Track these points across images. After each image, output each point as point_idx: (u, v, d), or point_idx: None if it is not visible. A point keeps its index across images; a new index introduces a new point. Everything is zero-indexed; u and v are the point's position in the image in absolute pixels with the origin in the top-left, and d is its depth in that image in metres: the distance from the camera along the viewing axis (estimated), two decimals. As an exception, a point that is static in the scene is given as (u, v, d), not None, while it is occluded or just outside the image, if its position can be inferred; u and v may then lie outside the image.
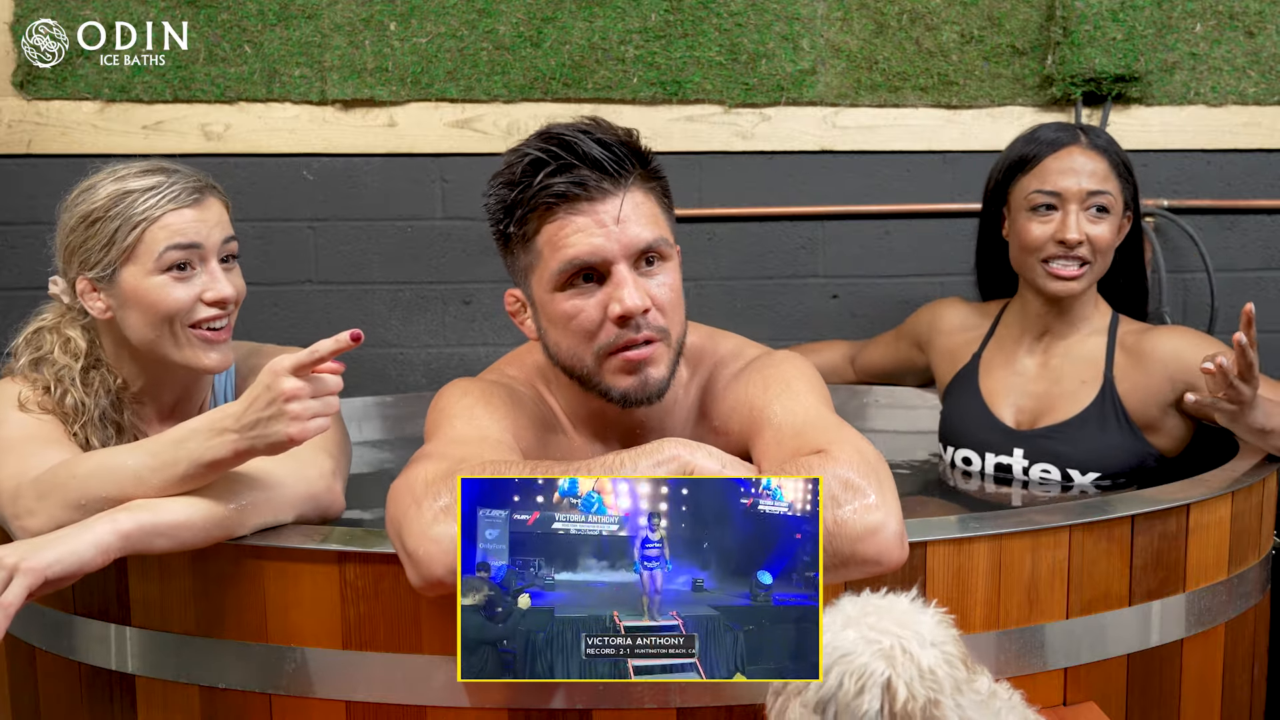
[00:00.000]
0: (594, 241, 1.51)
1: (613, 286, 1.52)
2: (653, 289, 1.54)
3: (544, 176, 1.51)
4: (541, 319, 1.60)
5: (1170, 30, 2.66)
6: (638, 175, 1.54)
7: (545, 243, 1.53)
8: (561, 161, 1.50)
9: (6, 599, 1.37)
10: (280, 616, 1.52)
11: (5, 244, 2.67)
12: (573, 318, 1.54)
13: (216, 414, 1.48)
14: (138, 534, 1.45)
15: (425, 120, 2.67)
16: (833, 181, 2.73)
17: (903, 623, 1.21)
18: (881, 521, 1.35)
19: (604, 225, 1.51)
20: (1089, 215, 2.05)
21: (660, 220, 1.56)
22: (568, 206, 1.51)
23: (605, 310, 1.52)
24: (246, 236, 2.66)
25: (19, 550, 1.40)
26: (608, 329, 1.53)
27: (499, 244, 1.62)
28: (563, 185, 1.50)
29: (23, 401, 1.69)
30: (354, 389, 2.65)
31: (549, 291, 1.55)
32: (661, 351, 1.56)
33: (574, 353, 1.57)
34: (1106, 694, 1.63)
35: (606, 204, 1.51)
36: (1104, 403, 2.07)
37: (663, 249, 1.55)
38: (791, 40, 2.66)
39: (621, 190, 1.52)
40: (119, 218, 1.69)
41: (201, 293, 1.71)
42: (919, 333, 2.39)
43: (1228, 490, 1.74)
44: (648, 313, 1.53)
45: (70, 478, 1.52)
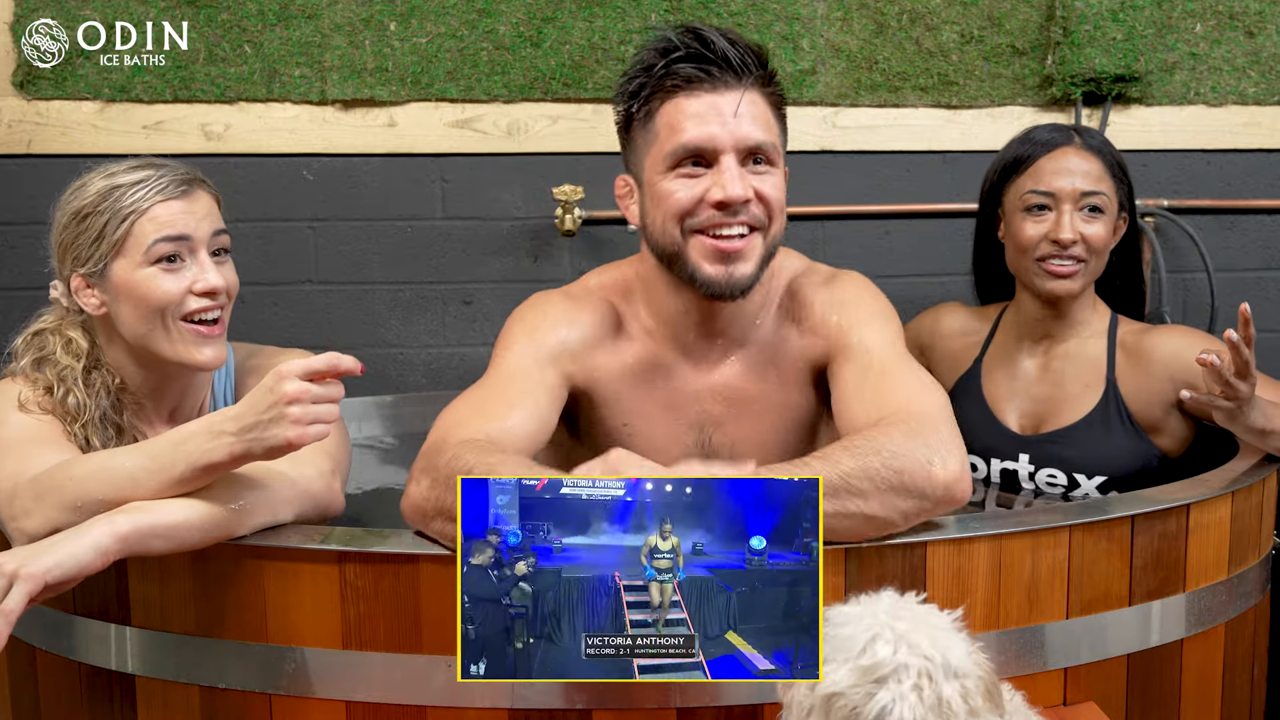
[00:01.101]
0: (709, 129, 1.61)
1: (717, 173, 1.62)
2: (757, 183, 1.63)
3: (672, 60, 1.62)
4: (647, 199, 1.69)
5: (1170, 30, 2.66)
6: (758, 78, 1.64)
7: (663, 124, 1.63)
8: (691, 50, 1.61)
9: (7, 606, 1.37)
10: (280, 616, 1.52)
11: (5, 244, 2.67)
12: (674, 194, 1.63)
13: (215, 417, 1.48)
14: (135, 536, 1.45)
15: (425, 120, 2.67)
16: (833, 181, 2.73)
17: (935, 643, 1.17)
18: (960, 468, 1.49)
19: (721, 114, 1.61)
20: (1083, 215, 2.05)
21: (773, 126, 1.66)
22: (689, 90, 1.62)
23: (706, 194, 1.62)
24: (247, 236, 2.67)
25: (18, 556, 1.40)
26: (704, 209, 1.63)
27: (621, 131, 1.72)
28: (689, 70, 1.61)
29: (23, 402, 1.69)
30: (354, 389, 2.65)
31: (659, 172, 1.65)
32: (755, 245, 1.65)
33: (666, 229, 1.65)
34: (1106, 694, 1.63)
35: (726, 96, 1.61)
36: (1108, 406, 2.07)
37: (770, 153, 1.65)
38: (791, 40, 2.66)
39: (741, 87, 1.62)
40: (108, 212, 1.69)
41: (192, 284, 1.71)
42: (920, 338, 2.39)
43: (1228, 490, 1.74)
44: (748, 203, 1.62)
45: (67, 479, 1.51)
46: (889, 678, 1.14)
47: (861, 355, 1.66)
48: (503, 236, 2.73)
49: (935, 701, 1.12)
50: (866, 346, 1.67)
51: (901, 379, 1.62)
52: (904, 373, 1.64)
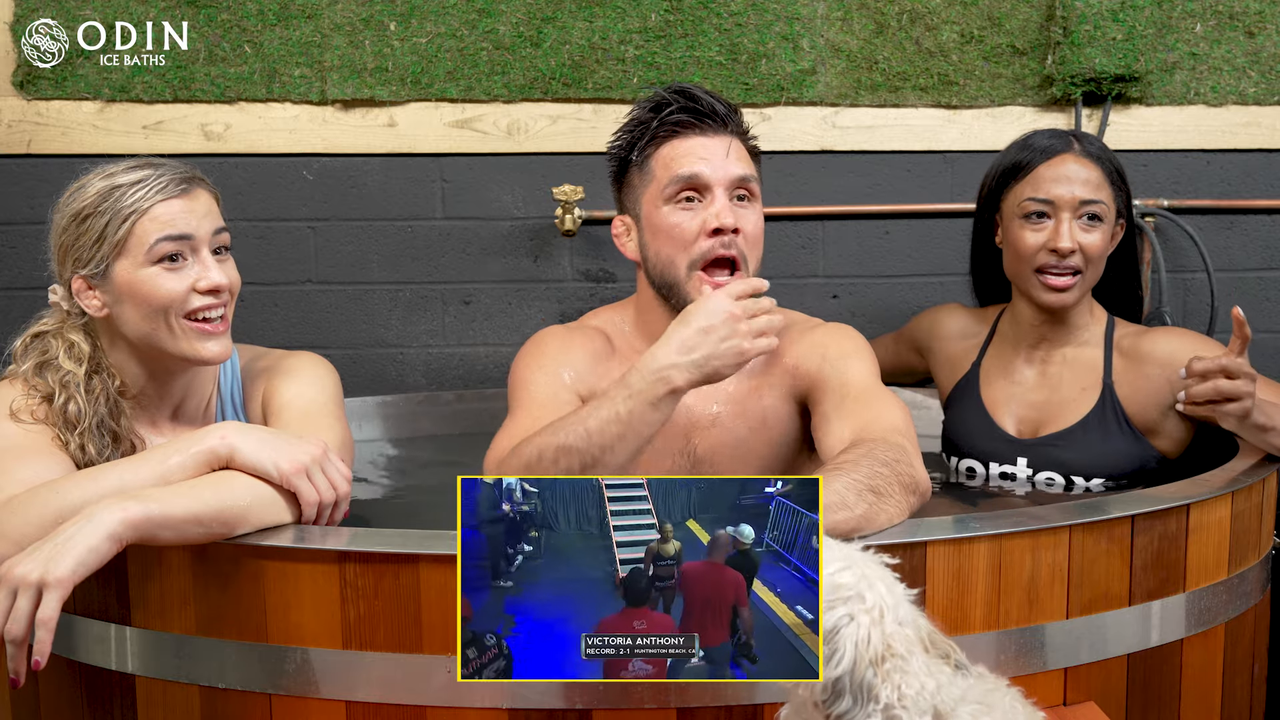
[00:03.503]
0: (702, 164, 1.82)
1: (711, 204, 1.82)
2: (742, 218, 1.83)
3: (667, 113, 1.84)
4: (645, 233, 1.88)
5: (1170, 30, 2.66)
6: (739, 130, 1.88)
7: (659, 164, 1.85)
8: (681, 103, 1.84)
9: (44, 615, 1.38)
10: (280, 616, 1.52)
11: (5, 244, 2.67)
12: (675, 228, 1.83)
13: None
14: (146, 525, 1.46)
15: (425, 120, 2.67)
16: (833, 181, 2.73)
17: (891, 591, 1.28)
18: (923, 476, 1.65)
19: (712, 152, 1.83)
20: (1081, 224, 2.04)
21: (753, 167, 1.87)
22: (683, 134, 1.84)
23: (703, 225, 1.81)
24: (247, 236, 2.67)
25: (38, 564, 1.40)
26: (702, 241, 1.82)
27: (615, 180, 1.93)
28: (683, 119, 1.83)
29: (14, 410, 1.69)
30: (354, 389, 2.66)
31: (657, 205, 1.85)
32: (740, 277, 1.82)
33: (671, 259, 1.84)
34: (1106, 694, 1.63)
35: (716, 139, 1.84)
36: (1104, 408, 2.07)
37: (753, 185, 1.86)
38: (791, 40, 2.66)
39: (729, 134, 1.85)
40: (109, 212, 1.69)
41: (194, 283, 1.71)
42: (918, 339, 2.39)
43: (1228, 490, 1.74)
44: (737, 233, 1.81)
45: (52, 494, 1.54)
46: (851, 599, 1.25)
47: (839, 385, 1.82)
48: (503, 236, 2.73)
49: (880, 633, 1.24)
50: (844, 379, 1.83)
51: (876, 399, 1.79)
52: (878, 395, 1.80)
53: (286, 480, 1.57)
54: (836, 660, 1.23)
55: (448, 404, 2.65)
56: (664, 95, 1.86)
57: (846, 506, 1.47)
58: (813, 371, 1.87)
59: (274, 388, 1.82)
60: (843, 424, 1.74)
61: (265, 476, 1.57)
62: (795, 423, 1.91)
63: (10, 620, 1.39)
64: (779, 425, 1.91)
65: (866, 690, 1.23)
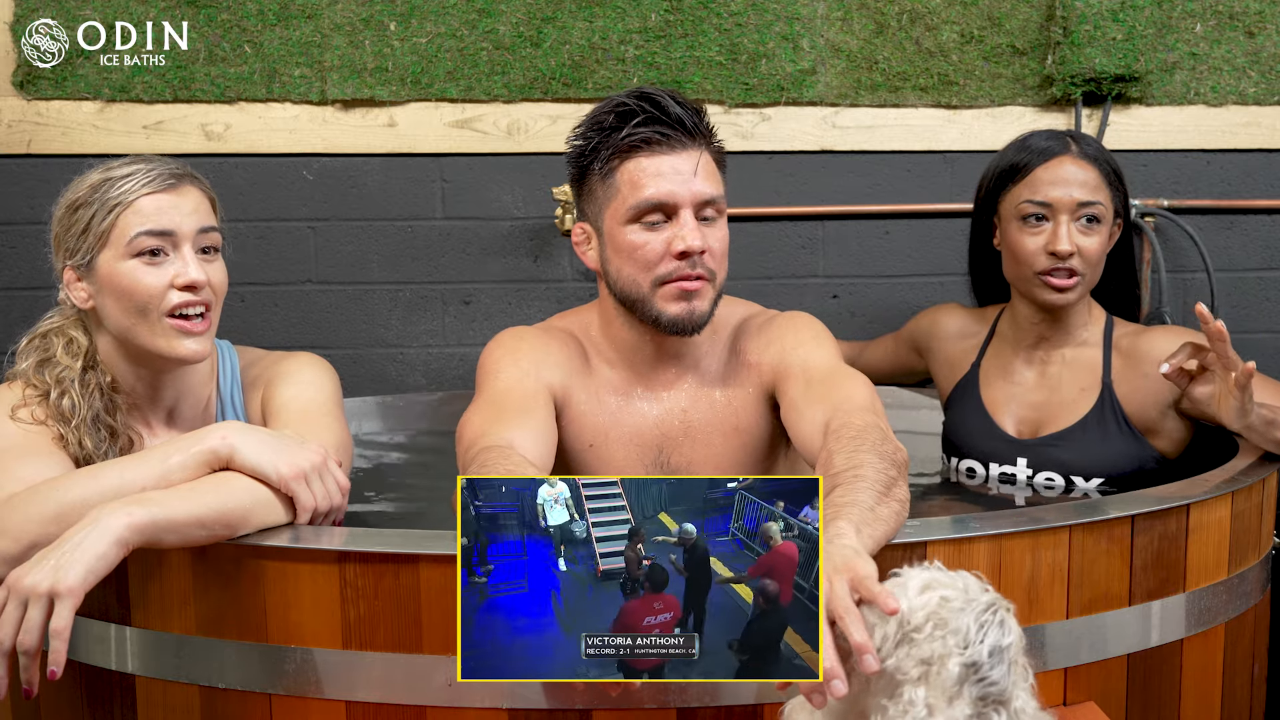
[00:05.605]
0: (669, 186, 1.75)
1: (678, 226, 1.76)
2: (708, 237, 1.78)
3: (634, 124, 1.75)
4: (607, 248, 1.82)
5: (1170, 30, 2.66)
6: (706, 138, 1.80)
7: (625, 181, 1.77)
8: (649, 114, 1.76)
9: (58, 625, 1.38)
10: (280, 616, 1.52)
11: (5, 244, 2.67)
12: (639, 248, 1.77)
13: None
14: (151, 529, 1.46)
15: (425, 120, 2.67)
16: (833, 181, 2.73)
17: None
18: (902, 447, 1.61)
19: (679, 173, 1.76)
20: (1080, 226, 2.04)
21: (720, 180, 1.82)
22: (649, 151, 1.76)
23: (669, 246, 1.76)
24: (247, 237, 2.67)
25: (47, 574, 1.40)
26: (668, 262, 1.77)
27: (574, 181, 1.85)
28: (650, 133, 1.75)
29: (15, 411, 1.69)
30: (354, 389, 2.66)
31: (621, 224, 1.78)
32: (707, 289, 1.80)
33: (634, 279, 1.79)
34: (1106, 694, 1.63)
35: (683, 156, 1.76)
36: (1103, 408, 2.07)
37: (720, 205, 1.81)
38: (791, 40, 2.66)
39: (696, 149, 1.77)
40: (96, 203, 1.69)
41: (173, 279, 1.70)
42: (918, 339, 2.39)
43: (1228, 490, 1.74)
44: (703, 254, 1.77)
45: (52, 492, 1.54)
46: (999, 606, 1.24)
47: (802, 372, 1.81)
48: (502, 236, 2.73)
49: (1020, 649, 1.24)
50: (806, 364, 1.82)
51: (842, 380, 1.78)
52: (843, 375, 1.80)
53: (285, 484, 1.57)
54: (1006, 630, 1.22)
55: (448, 404, 2.65)
56: (630, 103, 1.76)
57: (897, 517, 1.48)
58: (775, 364, 1.86)
59: (273, 389, 1.82)
60: (814, 409, 1.72)
61: (264, 479, 1.57)
62: (768, 420, 1.89)
63: (23, 632, 1.39)
64: (752, 429, 1.89)
65: (1013, 675, 1.23)
